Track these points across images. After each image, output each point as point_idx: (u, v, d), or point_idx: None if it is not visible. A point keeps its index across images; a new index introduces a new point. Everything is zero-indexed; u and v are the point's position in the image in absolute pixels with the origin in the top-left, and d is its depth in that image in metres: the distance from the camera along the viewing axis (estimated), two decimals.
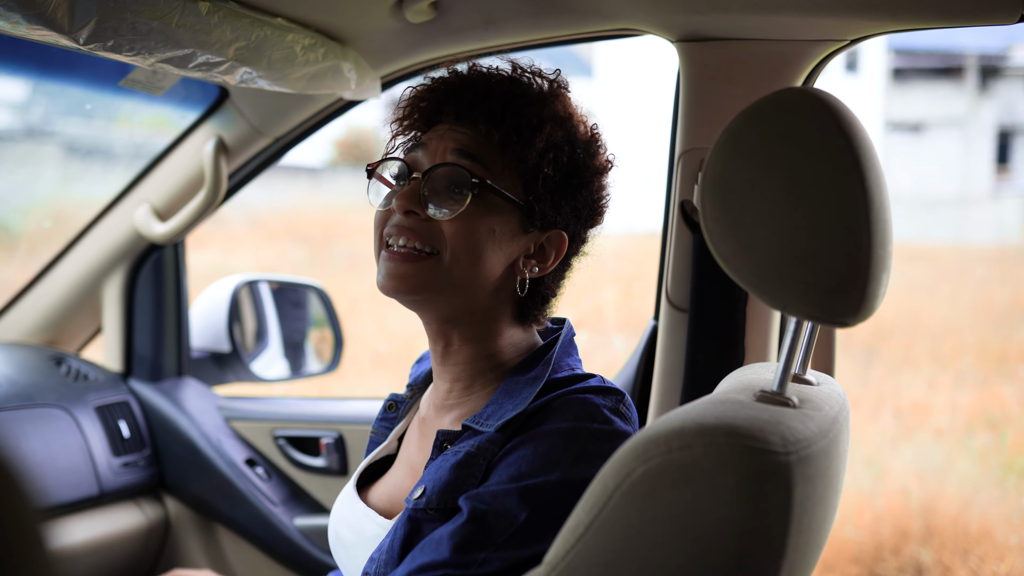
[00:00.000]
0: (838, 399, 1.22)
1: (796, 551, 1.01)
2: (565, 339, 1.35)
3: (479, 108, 1.27)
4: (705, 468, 0.95)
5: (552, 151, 1.27)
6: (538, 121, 1.26)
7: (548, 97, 1.31)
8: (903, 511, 4.97)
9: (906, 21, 1.55)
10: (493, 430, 1.22)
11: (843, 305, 1.03)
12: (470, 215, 1.23)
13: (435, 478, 1.22)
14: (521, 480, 1.16)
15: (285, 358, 2.76)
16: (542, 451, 1.17)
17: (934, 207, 19.02)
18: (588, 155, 1.32)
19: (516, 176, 1.27)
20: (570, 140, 1.29)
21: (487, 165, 1.25)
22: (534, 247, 1.30)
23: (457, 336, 1.31)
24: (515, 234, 1.27)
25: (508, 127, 1.26)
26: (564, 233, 1.31)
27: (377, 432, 1.49)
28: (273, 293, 2.76)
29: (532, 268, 1.30)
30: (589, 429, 1.20)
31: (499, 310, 1.31)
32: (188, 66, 1.62)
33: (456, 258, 1.24)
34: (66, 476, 2.10)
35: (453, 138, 1.27)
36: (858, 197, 1.02)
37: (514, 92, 1.29)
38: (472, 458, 1.21)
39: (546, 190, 1.27)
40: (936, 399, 7.27)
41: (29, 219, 9.23)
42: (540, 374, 1.26)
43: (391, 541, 1.22)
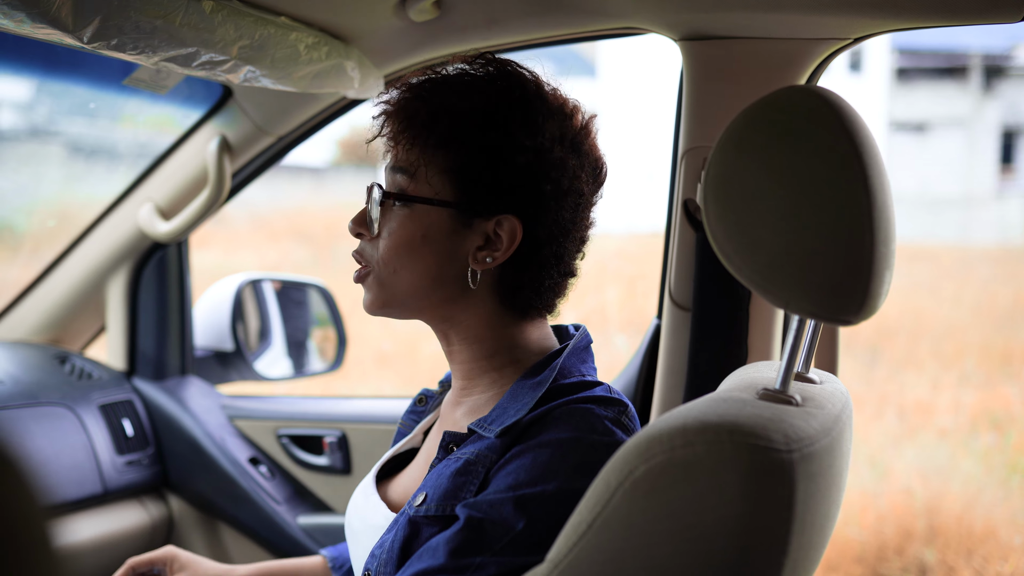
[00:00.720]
0: (841, 397, 1.22)
1: (799, 549, 1.01)
2: (578, 344, 1.32)
3: (396, 120, 1.28)
4: (708, 466, 0.95)
5: (474, 134, 1.24)
6: (456, 105, 1.25)
7: (463, 87, 1.27)
8: (907, 511, 4.96)
9: (910, 20, 1.55)
10: (493, 436, 1.21)
11: (846, 303, 1.03)
12: (398, 228, 1.27)
13: (435, 485, 1.22)
14: (518, 489, 1.15)
15: (288, 357, 2.76)
16: (540, 461, 1.16)
17: (938, 207, 19.00)
18: (525, 128, 1.24)
19: (442, 171, 1.25)
20: (491, 116, 1.24)
21: (412, 174, 1.26)
22: (484, 238, 1.26)
23: (454, 335, 1.32)
24: (455, 231, 1.25)
25: (423, 122, 1.25)
26: (513, 216, 1.25)
27: (405, 424, 1.50)
28: (276, 292, 2.76)
29: (485, 259, 1.26)
30: (588, 440, 1.18)
31: (479, 307, 1.29)
32: (192, 65, 1.62)
33: (389, 270, 1.28)
34: (70, 474, 2.11)
35: (391, 155, 1.30)
36: (861, 195, 1.02)
37: (427, 93, 1.27)
38: (471, 465, 1.20)
39: (474, 177, 1.24)
40: (940, 399, 7.26)
41: (33, 218, 9.24)
42: (545, 379, 1.25)
43: (391, 541, 1.22)
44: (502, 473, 1.18)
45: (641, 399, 1.98)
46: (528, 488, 1.15)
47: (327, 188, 19.00)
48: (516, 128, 1.24)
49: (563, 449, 1.17)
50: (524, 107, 1.26)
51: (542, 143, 1.25)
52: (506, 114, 1.25)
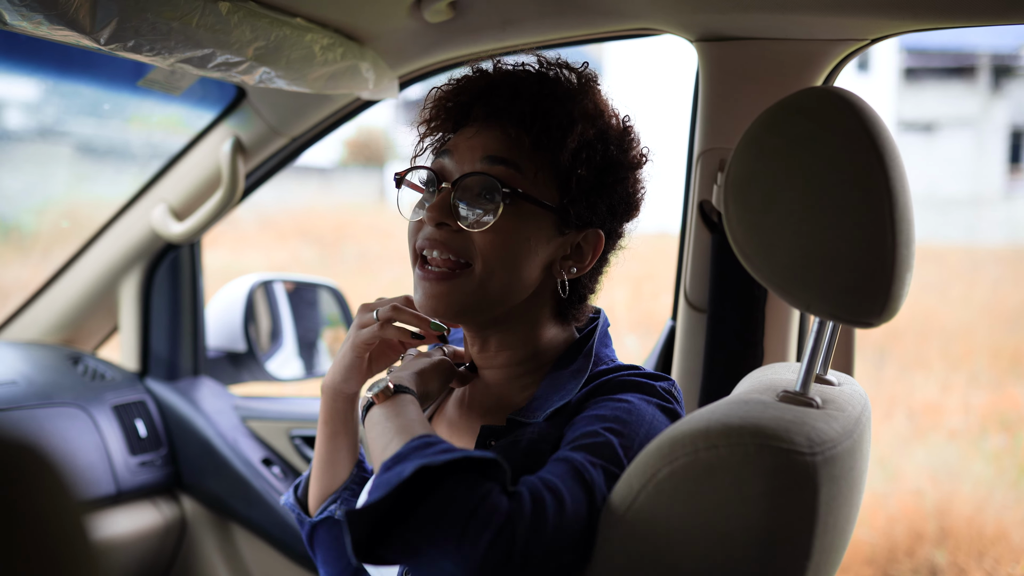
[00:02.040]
0: (860, 399, 1.21)
1: (820, 552, 1.01)
2: (601, 331, 1.33)
3: (507, 110, 1.23)
4: (731, 468, 0.95)
5: (585, 150, 1.22)
6: (569, 120, 1.22)
7: (578, 93, 1.26)
8: (917, 512, 4.95)
9: (926, 20, 1.55)
10: (542, 419, 1.20)
11: (867, 305, 1.03)
12: (503, 225, 1.19)
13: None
14: (610, 433, 1.12)
15: (300, 357, 2.76)
16: (611, 408, 1.15)
17: (946, 207, 18.93)
18: (621, 151, 1.27)
19: (549, 178, 1.22)
20: (603, 137, 1.24)
21: (519, 169, 1.21)
22: (571, 248, 1.26)
23: (495, 340, 1.29)
24: (551, 238, 1.24)
25: (539, 129, 1.21)
26: (600, 231, 1.27)
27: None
28: (288, 293, 2.77)
29: (570, 269, 1.26)
30: (655, 402, 1.18)
31: (538, 313, 1.29)
32: (207, 66, 1.62)
33: (490, 271, 1.20)
34: (83, 475, 2.11)
35: (482, 143, 1.23)
36: (883, 196, 1.02)
37: (543, 91, 1.24)
38: (536, 444, 1.19)
39: (580, 190, 1.23)
40: (949, 400, 7.24)
41: (43, 219, 9.26)
42: (583, 366, 1.25)
43: None
44: (579, 423, 1.15)
45: None
46: (619, 436, 1.11)
47: (334, 188, 19.02)
48: (623, 149, 1.27)
49: (629, 406, 1.16)
50: (627, 128, 1.30)
51: (635, 159, 1.29)
52: (620, 137, 1.28)
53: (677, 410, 1.21)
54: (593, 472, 1.05)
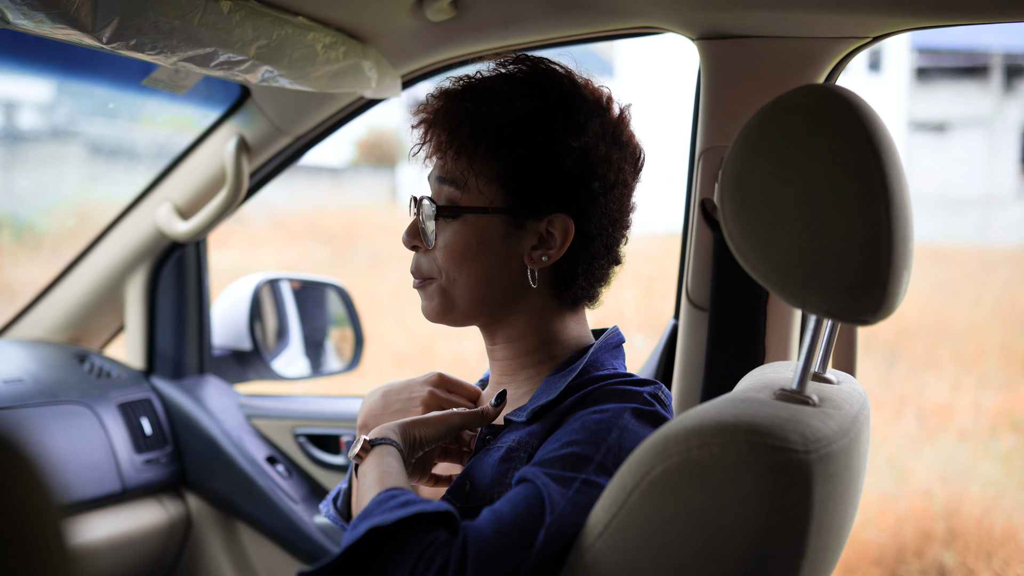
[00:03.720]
0: (859, 398, 1.21)
1: (816, 551, 1.01)
2: (609, 341, 1.35)
3: (440, 130, 1.29)
4: (724, 466, 0.95)
5: (517, 137, 1.26)
6: (495, 112, 1.26)
7: (498, 94, 1.28)
8: (926, 513, 4.93)
9: (929, 18, 1.54)
10: (524, 418, 1.24)
11: (864, 303, 1.03)
12: (452, 238, 1.28)
13: (478, 474, 1.24)
14: (573, 446, 1.15)
15: (306, 356, 2.77)
16: (590, 422, 1.18)
17: (958, 207, 18.85)
18: (564, 124, 1.27)
19: (490, 179, 1.27)
20: (534, 117, 1.26)
21: (459, 184, 1.28)
22: (538, 237, 1.29)
23: (500, 335, 1.35)
24: (508, 235, 1.28)
25: (468, 133, 1.26)
26: (565, 215, 1.28)
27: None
28: (294, 292, 2.77)
29: (541, 257, 1.29)
30: (632, 408, 1.20)
31: (532, 304, 1.32)
32: (210, 65, 1.63)
33: (450, 279, 1.30)
34: (89, 472, 2.12)
35: (436, 165, 1.32)
36: (879, 193, 1.02)
37: (467, 103, 1.28)
38: (513, 452, 1.23)
39: (523, 180, 1.26)
40: (960, 400, 7.21)
41: (54, 219, 9.31)
42: (575, 368, 1.28)
43: None
44: (550, 440, 1.19)
45: None
46: (582, 446, 1.15)
47: (345, 188, 19.04)
48: (560, 130, 1.27)
49: (610, 415, 1.19)
50: (566, 107, 1.29)
51: (587, 141, 1.27)
52: (550, 117, 1.27)
53: (659, 412, 1.22)
54: (550, 485, 1.10)
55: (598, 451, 1.14)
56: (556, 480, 1.11)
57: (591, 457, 1.13)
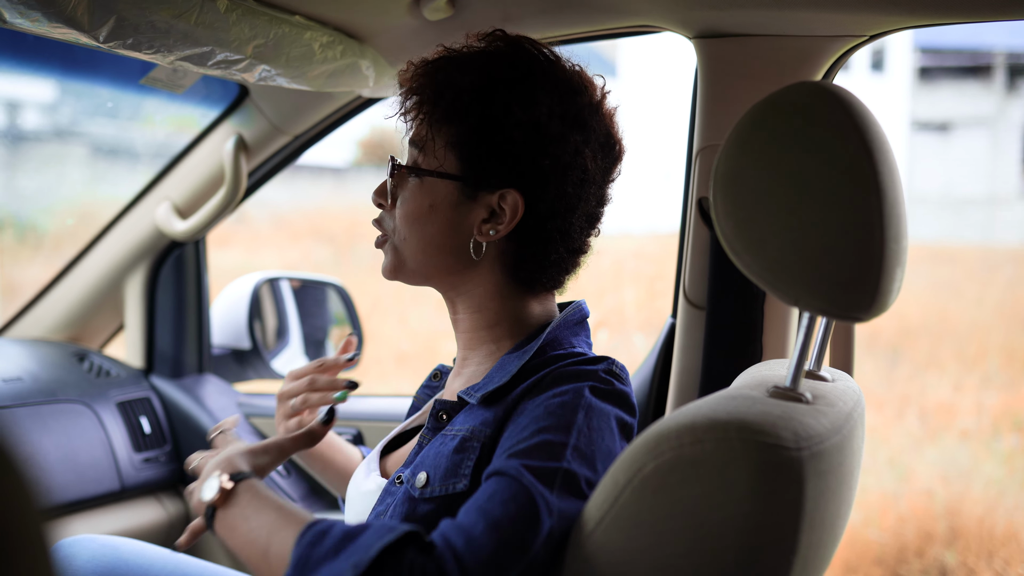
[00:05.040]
0: (853, 395, 1.21)
1: (808, 548, 1.01)
2: (570, 318, 1.34)
3: (410, 95, 1.33)
4: (716, 463, 0.95)
5: (472, 111, 1.27)
6: (455, 84, 1.28)
7: (468, 63, 1.30)
8: (927, 513, 4.92)
9: (925, 16, 1.54)
10: (476, 401, 1.24)
11: (856, 300, 1.03)
12: (409, 198, 1.33)
13: (435, 464, 1.22)
14: (545, 433, 1.14)
15: (305, 355, 2.77)
16: (552, 407, 1.17)
17: (961, 207, 18.82)
18: (523, 106, 1.26)
19: (449, 149, 1.30)
20: (487, 94, 1.27)
21: (422, 147, 1.32)
22: (489, 211, 1.29)
23: (460, 304, 1.37)
24: (460, 203, 1.30)
25: (430, 100, 1.30)
26: (515, 191, 1.27)
27: (419, 398, 1.52)
28: (294, 290, 2.77)
29: (488, 231, 1.29)
30: (590, 387, 1.20)
31: (486, 278, 1.33)
32: (207, 64, 1.63)
33: (401, 237, 1.34)
34: (88, 471, 2.12)
35: (407, 129, 1.36)
36: (871, 191, 1.02)
37: (439, 72, 1.31)
38: (467, 442, 1.22)
39: (476, 153, 1.28)
40: (962, 400, 7.19)
41: (56, 218, 9.32)
42: (530, 348, 1.28)
43: (389, 517, 1.22)
44: (513, 428, 1.18)
45: (656, 397, 1.98)
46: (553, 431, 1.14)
47: (348, 188, 19.03)
48: (512, 102, 1.26)
49: (571, 396, 1.18)
50: (522, 82, 1.28)
51: (538, 117, 1.26)
52: (504, 89, 1.27)
53: (617, 388, 1.22)
54: (530, 479, 1.08)
55: (569, 435, 1.13)
56: (537, 474, 1.08)
57: (565, 443, 1.12)
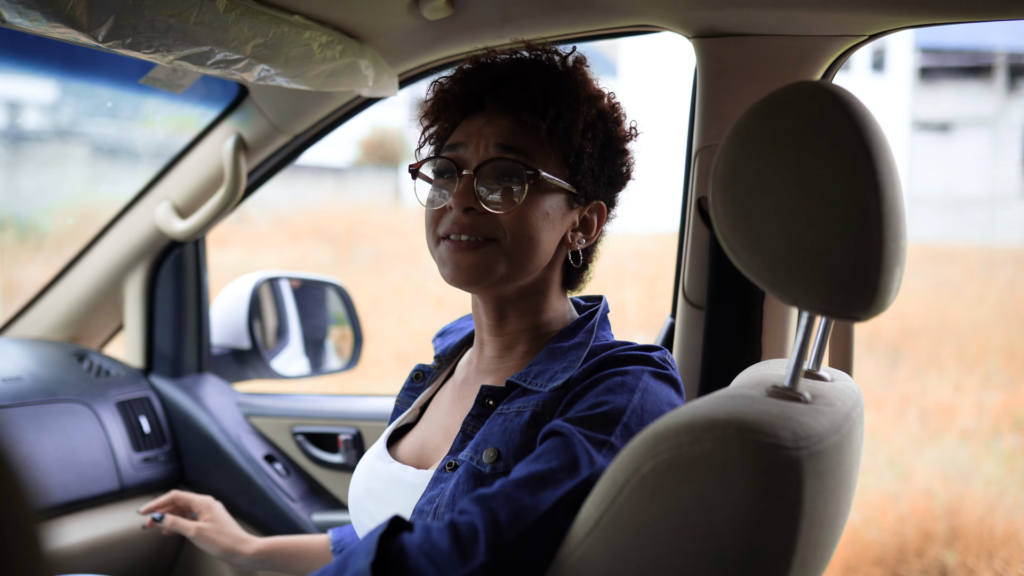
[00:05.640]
0: (852, 395, 1.21)
1: (807, 547, 1.00)
2: (603, 313, 1.41)
3: (519, 99, 1.32)
4: (715, 463, 0.94)
5: (590, 130, 1.34)
6: (576, 104, 1.32)
7: (575, 77, 1.36)
8: (927, 513, 4.92)
9: (925, 16, 1.54)
10: (548, 390, 1.26)
11: (855, 299, 1.03)
12: (524, 204, 1.29)
13: (505, 441, 1.24)
14: (602, 407, 1.19)
15: (305, 355, 2.77)
16: (613, 385, 1.22)
17: (962, 207, 18.81)
18: (617, 125, 1.39)
19: (560, 158, 1.33)
20: (602, 115, 1.37)
21: (530, 154, 1.31)
22: (579, 220, 1.38)
23: (512, 310, 1.38)
24: (564, 212, 1.35)
25: (552, 115, 1.30)
26: (603, 203, 1.40)
27: (402, 400, 1.53)
28: (293, 290, 2.77)
29: (579, 240, 1.38)
30: (649, 371, 1.25)
31: (549, 282, 1.39)
32: (206, 63, 1.63)
33: (516, 243, 1.29)
34: (87, 471, 2.12)
35: (494, 131, 1.32)
36: (869, 190, 1.02)
37: (548, 78, 1.34)
38: (538, 416, 1.24)
39: (588, 167, 1.34)
40: (962, 400, 7.19)
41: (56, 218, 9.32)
42: (584, 340, 1.33)
43: (451, 496, 1.23)
44: (579, 401, 1.22)
45: None
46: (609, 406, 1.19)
47: (348, 188, 19.03)
48: (619, 123, 1.39)
49: (632, 375, 1.23)
50: (615, 103, 1.40)
51: (628, 136, 1.41)
52: (612, 110, 1.39)
53: (672, 375, 1.28)
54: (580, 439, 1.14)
55: (624, 413, 1.19)
56: (588, 439, 1.15)
57: (618, 418, 1.18)
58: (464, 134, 1.34)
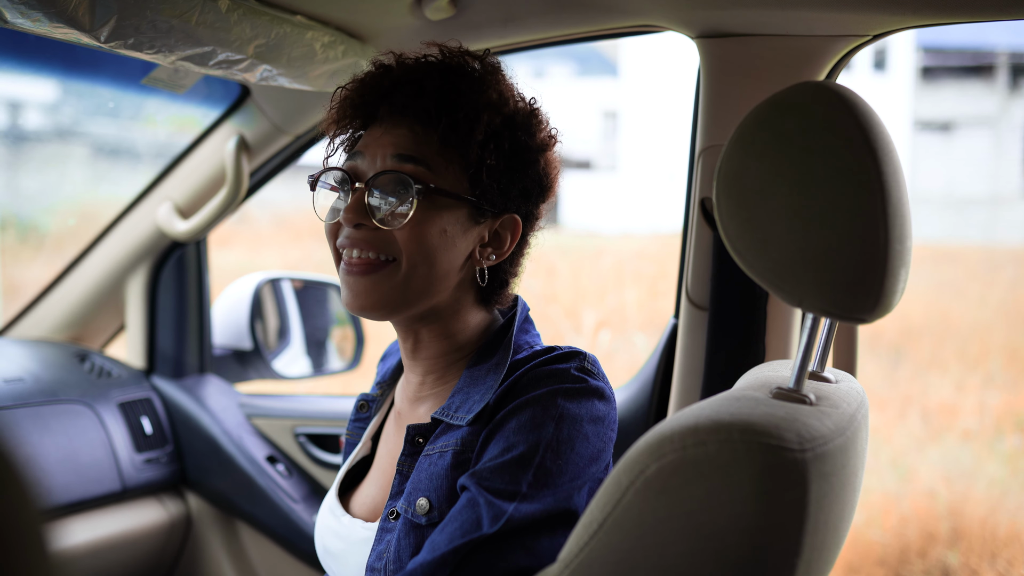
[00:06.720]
0: (856, 396, 1.20)
1: (812, 549, 1.00)
2: (520, 318, 1.35)
3: (412, 107, 1.25)
4: (719, 465, 0.94)
5: (492, 140, 1.25)
6: (474, 112, 1.24)
7: (481, 83, 1.27)
8: (930, 513, 4.92)
9: (928, 16, 1.54)
10: (465, 423, 1.23)
11: (860, 301, 1.02)
12: (419, 220, 1.22)
13: (434, 487, 1.22)
14: (513, 450, 1.16)
15: (307, 356, 2.77)
16: (525, 421, 1.18)
17: (964, 207, 18.81)
18: (529, 134, 1.29)
19: (459, 170, 1.25)
20: (509, 123, 1.27)
21: (429, 165, 1.24)
22: (488, 235, 1.29)
23: (425, 333, 1.32)
24: (467, 228, 1.27)
25: (445, 124, 1.23)
26: (516, 216, 1.30)
27: (352, 434, 1.49)
28: (295, 291, 2.77)
29: (489, 256, 1.30)
30: (562, 389, 1.20)
31: (462, 302, 1.32)
32: (208, 64, 1.62)
33: (413, 264, 1.23)
34: (89, 472, 2.12)
35: (391, 142, 1.25)
36: (875, 191, 1.01)
37: (445, 85, 1.25)
38: (459, 455, 1.22)
39: (491, 179, 1.26)
40: (964, 401, 7.19)
41: (58, 218, 9.32)
42: (501, 360, 1.27)
43: (396, 552, 1.22)
44: (491, 444, 1.19)
45: (658, 398, 1.97)
46: (523, 446, 1.16)
47: None
48: (531, 132, 1.29)
49: (542, 403, 1.19)
50: (534, 111, 1.31)
51: (544, 145, 1.31)
52: (527, 121, 1.29)
53: (590, 386, 1.22)
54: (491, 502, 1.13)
55: (536, 453, 1.15)
56: (497, 495, 1.13)
57: (530, 462, 1.15)
58: (364, 144, 1.28)
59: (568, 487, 1.16)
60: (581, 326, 8.11)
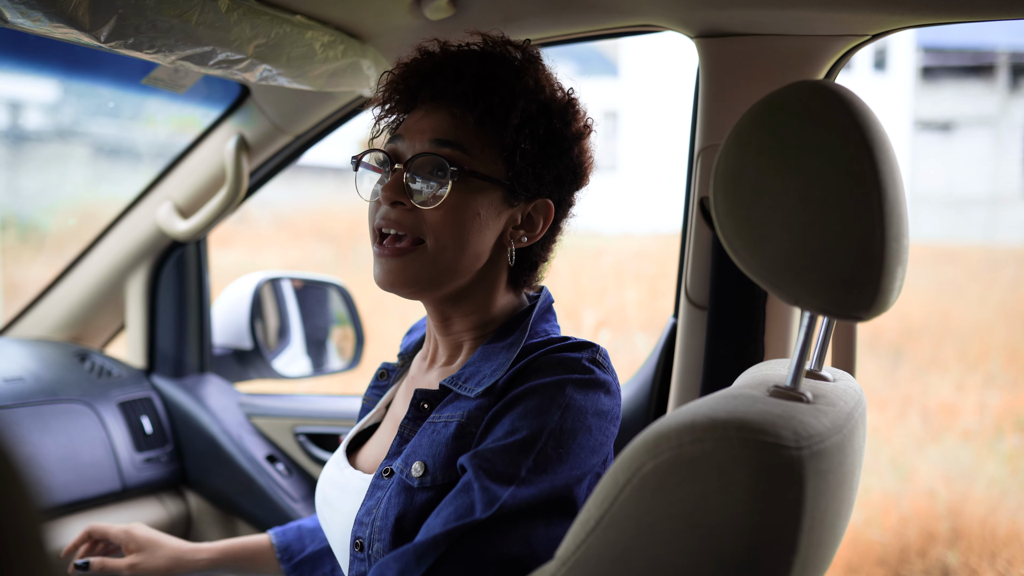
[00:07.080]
0: (854, 395, 1.20)
1: (809, 547, 1.00)
2: (542, 306, 1.38)
3: (450, 92, 1.30)
4: (716, 463, 0.94)
5: (528, 126, 1.29)
6: (511, 97, 1.28)
7: (520, 70, 1.32)
8: (930, 513, 4.92)
9: (927, 15, 1.54)
10: (474, 395, 1.26)
11: (857, 299, 1.02)
12: (453, 202, 1.27)
13: (432, 453, 1.24)
14: (516, 433, 1.19)
15: (307, 355, 2.77)
16: (531, 406, 1.20)
17: (964, 207, 18.80)
18: (564, 123, 1.34)
19: (495, 154, 1.29)
20: (545, 111, 1.32)
21: (465, 149, 1.28)
22: (521, 218, 1.34)
23: (455, 311, 1.36)
24: (500, 210, 1.31)
25: (481, 108, 1.28)
26: (549, 201, 1.35)
27: (368, 399, 1.53)
28: (295, 290, 2.77)
29: (521, 238, 1.34)
30: (572, 379, 1.23)
31: (494, 282, 1.36)
32: (208, 63, 1.63)
33: (442, 246, 1.27)
34: (89, 471, 2.12)
35: (430, 126, 1.30)
36: (871, 189, 1.01)
37: (484, 71, 1.30)
38: (464, 428, 1.24)
39: (526, 163, 1.30)
40: (964, 400, 7.19)
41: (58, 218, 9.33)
42: (517, 340, 1.30)
43: (384, 508, 1.25)
44: (497, 426, 1.21)
45: (658, 397, 1.98)
46: (526, 431, 1.18)
47: (350, 188, 19.02)
48: (567, 121, 1.33)
49: (550, 391, 1.21)
50: (571, 100, 1.36)
51: (579, 135, 1.35)
52: (564, 110, 1.34)
53: (598, 378, 1.25)
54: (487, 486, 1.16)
55: (539, 439, 1.18)
56: (494, 478, 1.16)
57: (532, 447, 1.17)
58: (404, 127, 1.34)
59: (567, 475, 1.18)
60: (581, 326, 8.12)
